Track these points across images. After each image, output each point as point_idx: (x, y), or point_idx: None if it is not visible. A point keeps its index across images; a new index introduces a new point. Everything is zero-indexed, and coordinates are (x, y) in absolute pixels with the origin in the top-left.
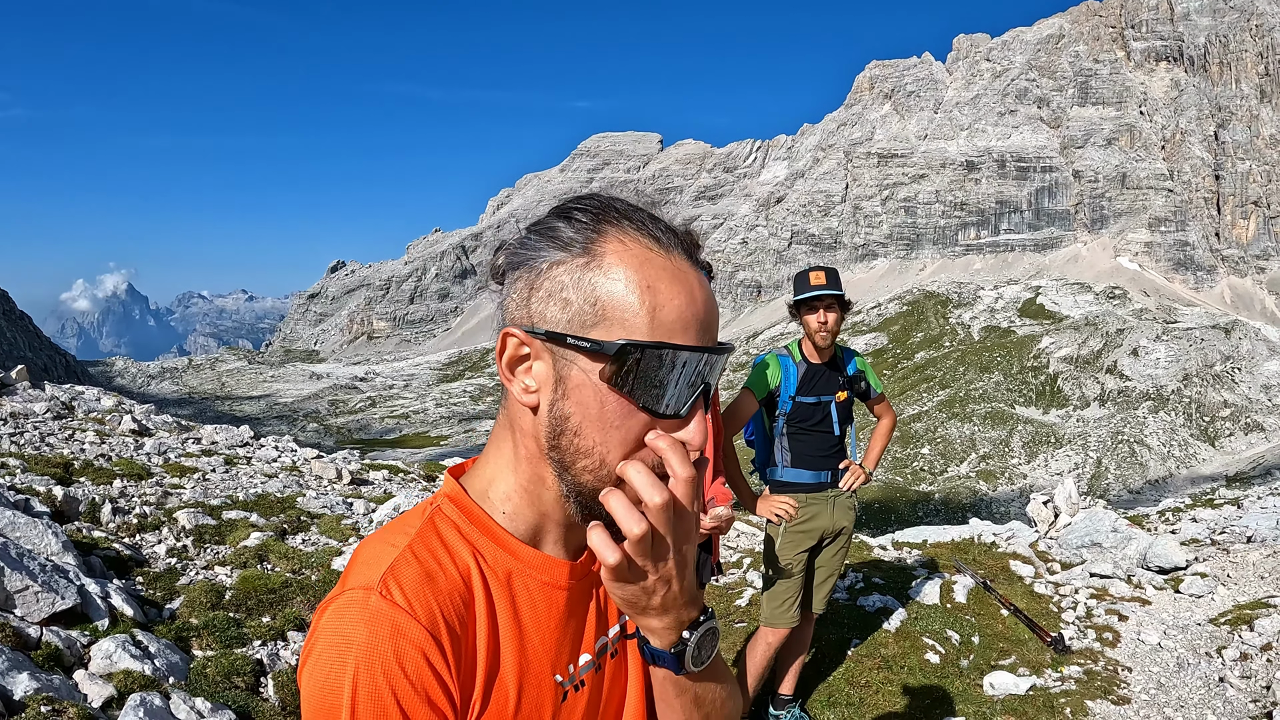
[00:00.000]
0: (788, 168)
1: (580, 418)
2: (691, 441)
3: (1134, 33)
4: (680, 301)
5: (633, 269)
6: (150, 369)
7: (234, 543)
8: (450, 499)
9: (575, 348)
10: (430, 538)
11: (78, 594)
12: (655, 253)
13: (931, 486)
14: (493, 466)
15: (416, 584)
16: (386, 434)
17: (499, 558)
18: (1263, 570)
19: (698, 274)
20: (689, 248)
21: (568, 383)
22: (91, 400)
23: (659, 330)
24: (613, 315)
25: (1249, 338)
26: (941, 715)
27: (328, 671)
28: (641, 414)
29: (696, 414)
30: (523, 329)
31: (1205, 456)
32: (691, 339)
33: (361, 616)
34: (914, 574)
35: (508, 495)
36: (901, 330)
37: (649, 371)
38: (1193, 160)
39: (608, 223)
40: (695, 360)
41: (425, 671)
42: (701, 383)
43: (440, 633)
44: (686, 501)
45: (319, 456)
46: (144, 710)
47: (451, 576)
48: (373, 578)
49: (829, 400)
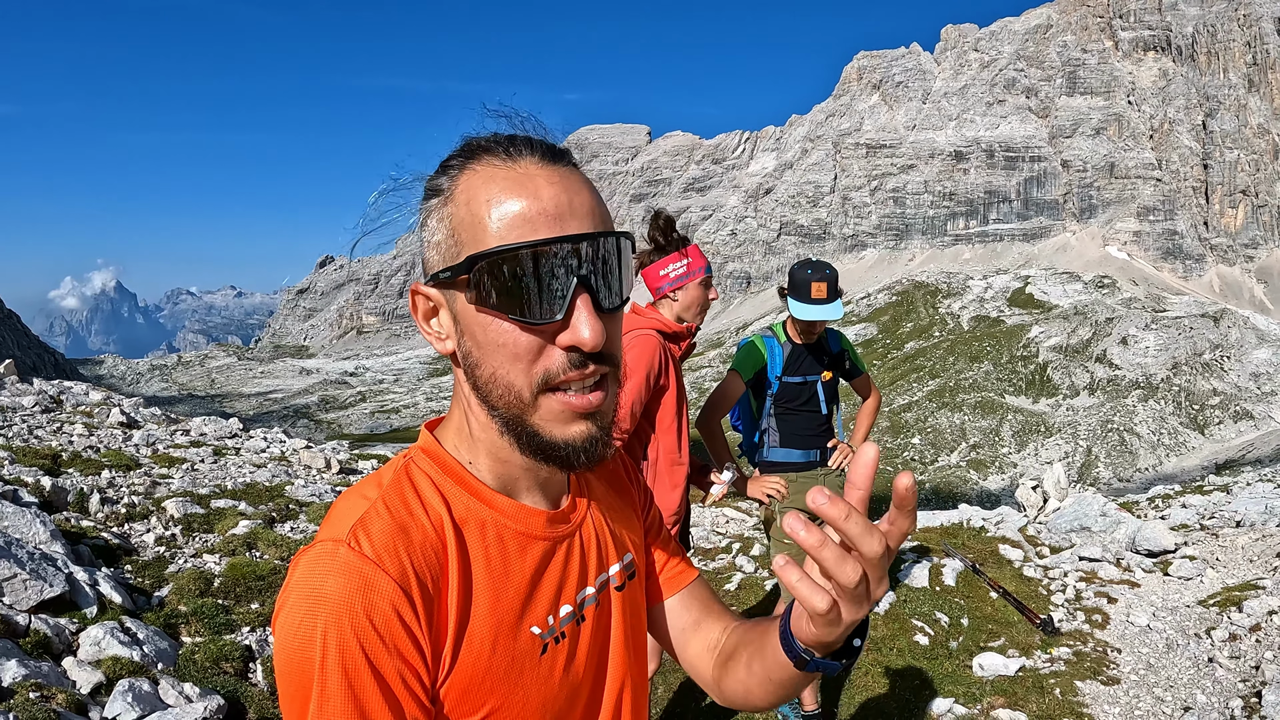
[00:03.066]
0: (776, 159)
1: (477, 351)
2: (582, 342)
3: (1122, 22)
4: (523, 204)
5: (476, 189)
6: (140, 366)
7: (222, 531)
8: (423, 450)
9: (446, 283)
10: (403, 488)
11: (66, 582)
12: (498, 167)
13: (922, 476)
14: (455, 419)
15: (387, 535)
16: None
17: (472, 507)
18: (1251, 553)
19: (551, 172)
20: (545, 152)
21: (460, 319)
22: (80, 394)
23: (504, 237)
24: (464, 239)
25: (1238, 326)
26: (931, 696)
27: (299, 624)
28: (518, 326)
29: (577, 311)
30: (421, 282)
31: (1195, 444)
32: (539, 236)
33: (331, 568)
34: (903, 557)
35: (470, 446)
36: (891, 320)
37: (502, 280)
38: (1181, 149)
39: (469, 159)
40: (555, 256)
41: (395, 624)
42: (572, 277)
43: (410, 585)
44: (895, 541)
45: (307, 447)
46: (132, 695)
47: (423, 527)
48: (343, 530)
49: (815, 380)
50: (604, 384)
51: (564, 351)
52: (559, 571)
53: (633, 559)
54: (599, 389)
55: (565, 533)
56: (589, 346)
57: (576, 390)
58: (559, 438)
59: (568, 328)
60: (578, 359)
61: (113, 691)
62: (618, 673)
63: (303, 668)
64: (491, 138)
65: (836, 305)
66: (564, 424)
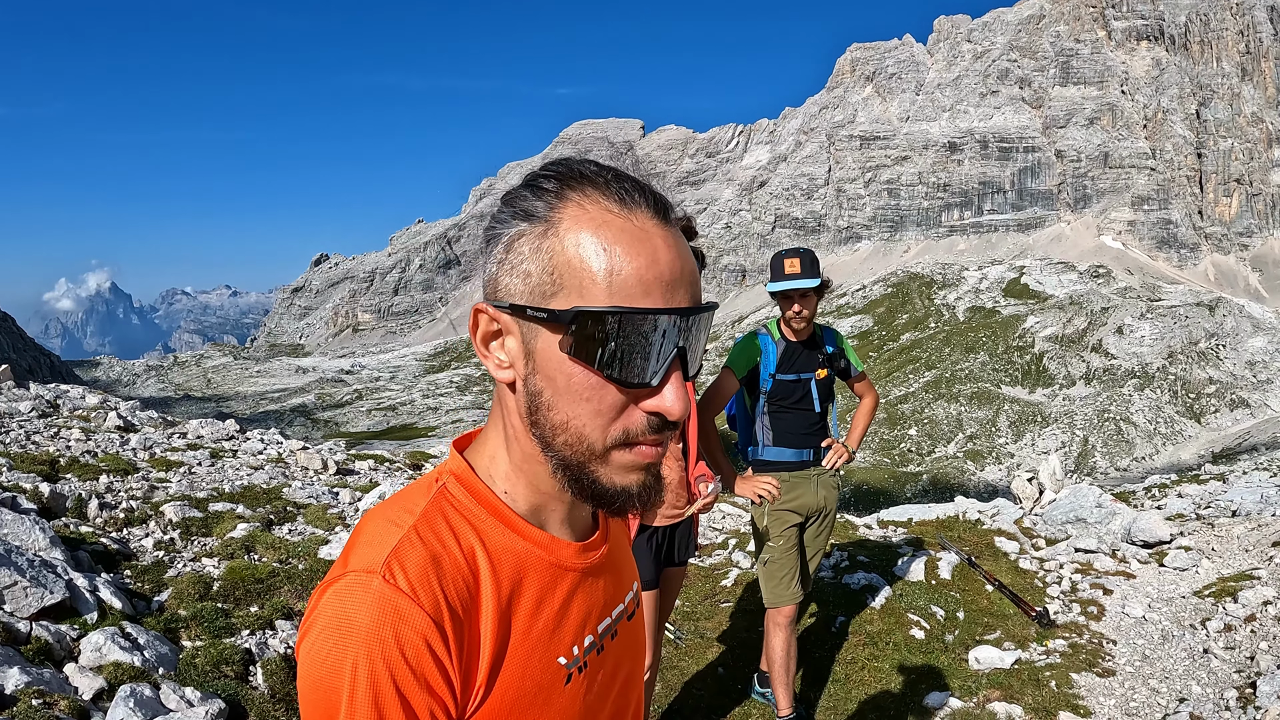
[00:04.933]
0: (770, 152)
1: (551, 392)
2: (669, 411)
3: (1115, 12)
4: (641, 263)
5: (589, 232)
6: (135, 367)
7: (221, 534)
8: (456, 477)
9: (535, 319)
10: (435, 518)
11: (66, 588)
12: (614, 214)
13: (919, 467)
14: (492, 444)
15: (421, 568)
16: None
17: (505, 539)
18: (1247, 543)
19: (667, 233)
20: (658, 207)
21: (536, 357)
22: (76, 398)
23: (616, 295)
24: (569, 283)
25: (1233, 314)
26: (927, 690)
27: (328, 654)
28: (610, 384)
29: (671, 382)
30: (491, 304)
31: (1191, 433)
32: (655, 302)
33: (364, 600)
34: (899, 551)
35: (506, 474)
36: (886, 312)
37: (608, 339)
38: (1175, 139)
39: (569, 187)
40: (662, 324)
41: (427, 658)
42: (674, 348)
43: (444, 619)
44: None
45: (304, 448)
46: (134, 701)
47: (456, 560)
48: (376, 560)
49: (809, 378)
50: (665, 439)
51: (646, 415)
52: (586, 602)
53: (637, 587)
54: (661, 444)
55: (593, 564)
56: (674, 417)
57: (644, 446)
58: (619, 485)
59: (658, 395)
60: (657, 423)
61: (114, 697)
62: (629, 697)
63: (329, 697)
64: (597, 169)
65: (813, 279)
66: (626, 474)
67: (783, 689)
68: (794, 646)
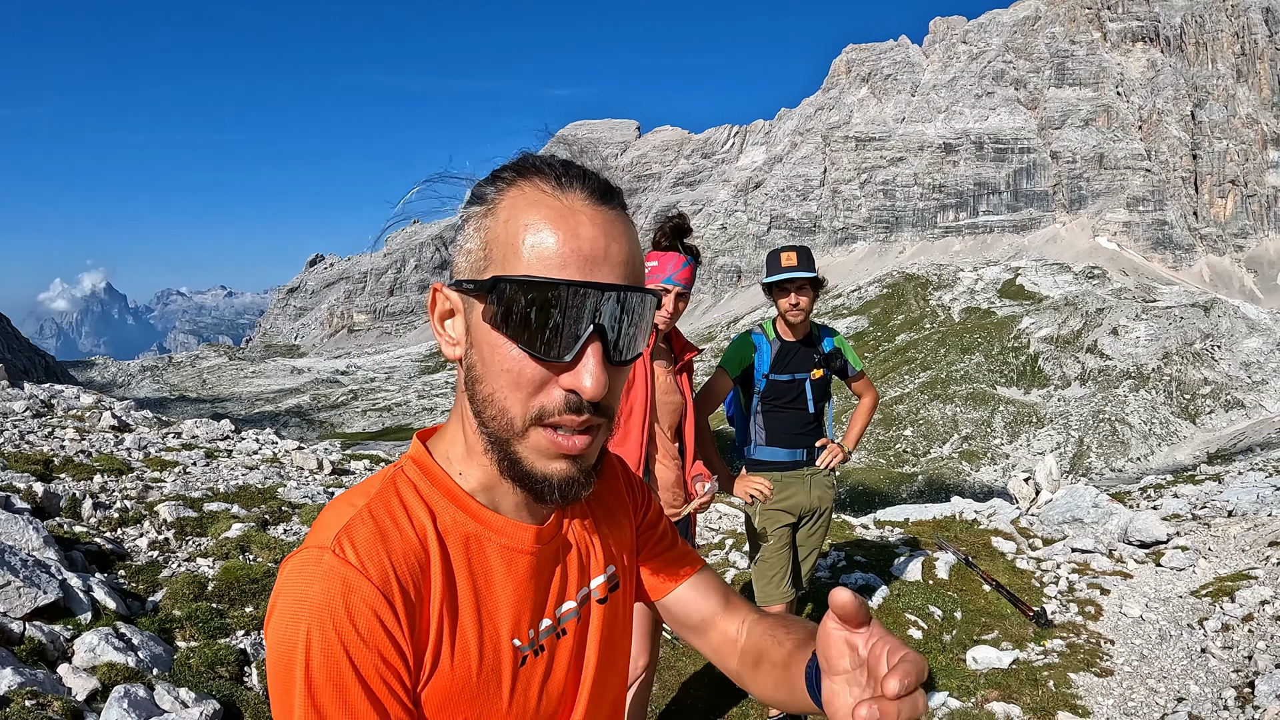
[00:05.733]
0: (766, 153)
1: (481, 366)
2: (583, 389)
3: (1110, 13)
4: (560, 238)
5: (519, 210)
6: (130, 368)
7: (215, 534)
8: (413, 460)
9: (468, 293)
10: (389, 498)
11: (60, 588)
12: (546, 194)
13: (915, 468)
14: (451, 429)
15: (369, 542)
16: (369, 427)
17: (457, 519)
18: (1243, 543)
19: (596, 213)
20: (595, 189)
21: (472, 330)
22: (71, 398)
23: (532, 267)
24: (495, 256)
25: (1228, 315)
26: (925, 690)
27: (285, 628)
28: (528, 358)
29: (586, 358)
30: (445, 283)
31: (1186, 434)
32: (570, 276)
33: (315, 573)
34: (896, 551)
35: (462, 456)
36: (882, 313)
37: (523, 309)
38: (1170, 140)
39: (520, 175)
40: (577, 298)
41: (377, 629)
42: (590, 324)
43: (392, 591)
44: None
45: (299, 448)
46: (128, 702)
47: (407, 536)
48: (328, 537)
49: (803, 378)
50: (594, 432)
51: (564, 392)
52: (542, 585)
53: (615, 570)
54: (587, 434)
55: (550, 548)
56: (588, 395)
57: (565, 432)
58: (538, 471)
59: (573, 371)
60: (575, 402)
61: (109, 698)
62: (597, 685)
63: (287, 669)
64: (547, 159)
65: (810, 270)
66: (546, 459)
67: None
68: None
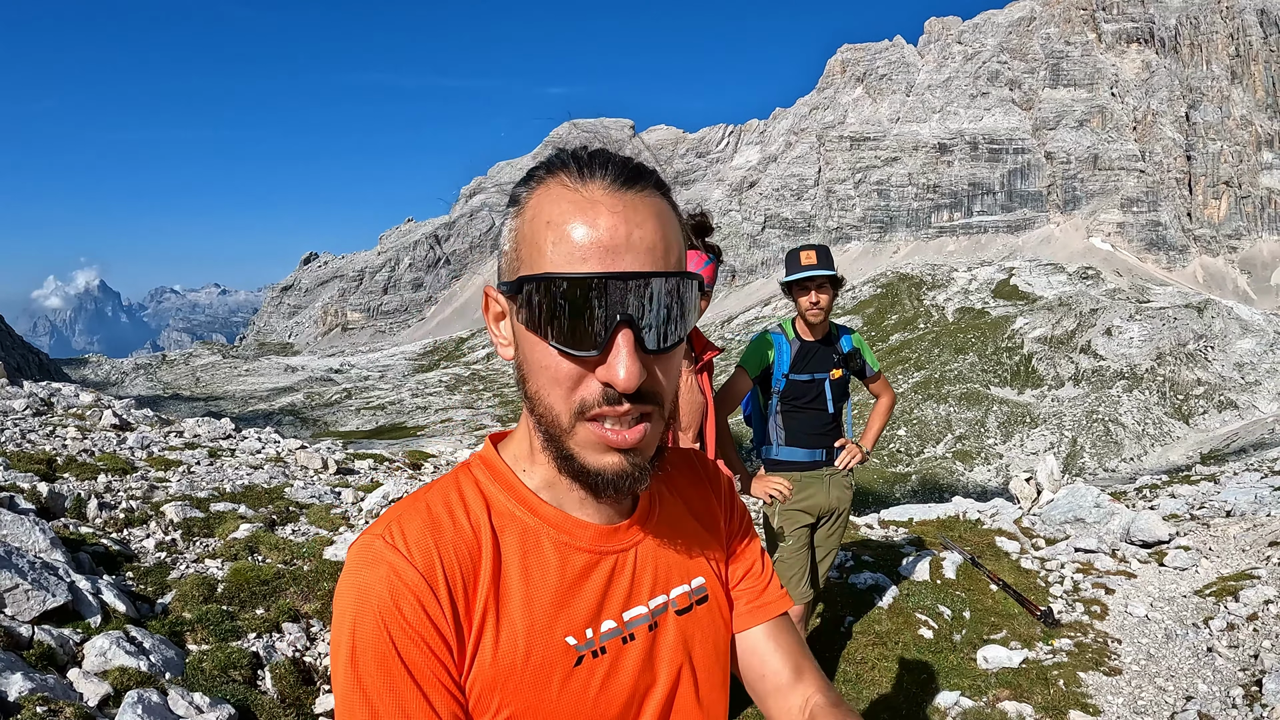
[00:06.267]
0: (760, 152)
1: (526, 365)
2: (615, 380)
3: (1105, 14)
4: (579, 231)
5: (542, 207)
6: (124, 366)
7: (223, 535)
8: (480, 458)
9: (503, 293)
10: (448, 490)
11: (69, 591)
12: (568, 187)
13: (909, 468)
14: (520, 431)
15: (419, 531)
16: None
17: (514, 513)
18: (1244, 543)
19: (616, 201)
20: (618, 177)
21: (515, 332)
22: (70, 396)
23: (558, 263)
24: (523, 256)
25: (1222, 316)
26: (938, 689)
27: (340, 609)
28: (561, 354)
29: (616, 349)
30: (494, 285)
31: (1179, 434)
32: (591, 268)
33: (366, 559)
34: (903, 551)
35: (527, 455)
36: (876, 313)
37: (548, 305)
38: (1164, 141)
39: (549, 172)
40: (598, 290)
41: (420, 614)
42: (615, 314)
43: (436, 579)
44: None
45: (303, 447)
46: (142, 707)
47: (460, 527)
48: (384, 525)
49: (823, 378)
50: (646, 421)
51: (600, 385)
52: (603, 585)
53: (704, 583)
54: (639, 426)
55: (614, 547)
56: (621, 387)
57: (613, 424)
58: (592, 465)
59: (605, 364)
60: (612, 395)
61: (121, 703)
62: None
63: (338, 651)
64: (574, 151)
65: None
66: (598, 453)
67: None
68: None
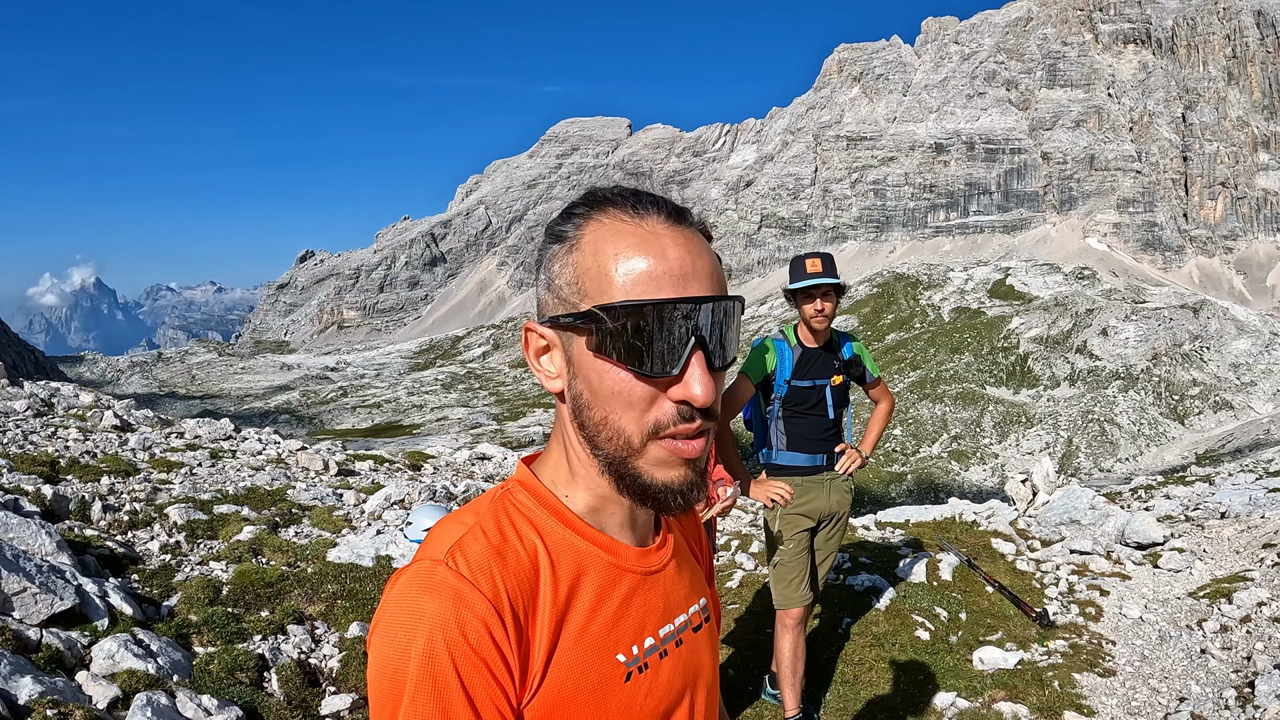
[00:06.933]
0: (757, 151)
1: (589, 392)
2: (694, 398)
3: (1102, 15)
4: (650, 260)
5: (604, 242)
6: (120, 363)
7: (227, 537)
8: (520, 484)
9: (566, 326)
10: (499, 517)
11: (76, 594)
12: (627, 222)
13: (904, 467)
14: (554, 455)
15: (482, 558)
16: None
17: (566, 539)
18: (1238, 545)
19: (677, 234)
20: (670, 212)
21: (574, 362)
22: (70, 396)
23: (631, 291)
24: (589, 288)
25: (1217, 317)
26: (934, 690)
27: (394, 638)
28: (636, 377)
29: (694, 369)
30: (537, 321)
31: (1175, 435)
32: (665, 295)
33: (428, 586)
34: (899, 553)
35: (567, 480)
36: (872, 312)
37: (624, 332)
38: (1160, 142)
39: (594, 209)
40: (675, 314)
41: (486, 642)
42: (691, 337)
43: (503, 606)
44: None
45: (304, 448)
46: (151, 710)
47: (517, 553)
48: (441, 550)
49: (824, 384)
50: (705, 435)
51: (674, 404)
52: (644, 604)
53: (707, 604)
54: (701, 438)
55: (652, 567)
56: (700, 403)
57: (683, 439)
58: (660, 480)
59: (681, 383)
60: (687, 412)
61: (130, 706)
62: (694, 711)
63: (395, 677)
64: (617, 190)
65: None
66: (666, 468)
67: (790, 689)
68: (802, 648)
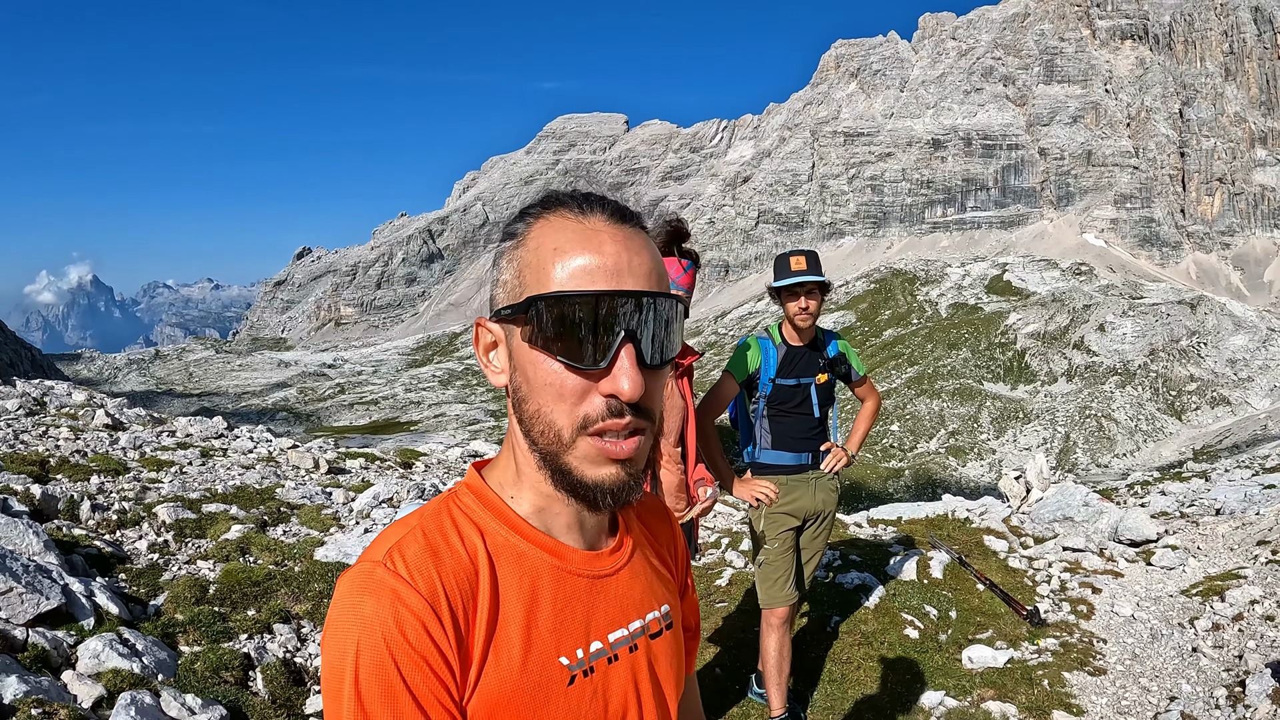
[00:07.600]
0: (754, 147)
1: (526, 385)
2: (620, 391)
3: (1099, 11)
4: (587, 256)
5: (546, 237)
6: (117, 361)
7: (215, 536)
8: (467, 485)
9: (507, 319)
10: (441, 518)
11: (62, 594)
12: (570, 219)
13: (901, 463)
14: (503, 457)
15: (420, 558)
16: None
17: (508, 540)
18: (1232, 542)
19: (617, 231)
20: (614, 212)
21: (514, 354)
22: (63, 395)
23: (564, 285)
24: (528, 281)
25: (1214, 313)
26: (922, 689)
27: (337, 639)
28: (567, 369)
29: (620, 361)
30: (486, 317)
31: (1172, 430)
32: (599, 288)
33: (366, 587)
34: (890, 551)
35: (513, 481)
36: (869, 308)
37: (555, 323)
38: (1158, 138)
39: (545, 209)
40: (606, 306)
41: (424, 639)
42: (620, 330)
43: (440, 604)
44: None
45: (294, 447)
46: (135, 709)
47: (457, 553)
48: (381, 553)
49: (809, 383)
50: (639, 435)
51: (604, 398)
52: (591, 608)
53: (670, 610)
54: (634, 438)
55: (602, 571)
56: (626, 397)
57: (612, 437)
58: (589, 478)
59: (609, 376)
60: (616, 406)
61: (115, 705)
62: (648, 717)
63: (338, 677)
64: (569, 192)
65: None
66: (596, 466)
67: (776, 689)
68: (788, 647)
